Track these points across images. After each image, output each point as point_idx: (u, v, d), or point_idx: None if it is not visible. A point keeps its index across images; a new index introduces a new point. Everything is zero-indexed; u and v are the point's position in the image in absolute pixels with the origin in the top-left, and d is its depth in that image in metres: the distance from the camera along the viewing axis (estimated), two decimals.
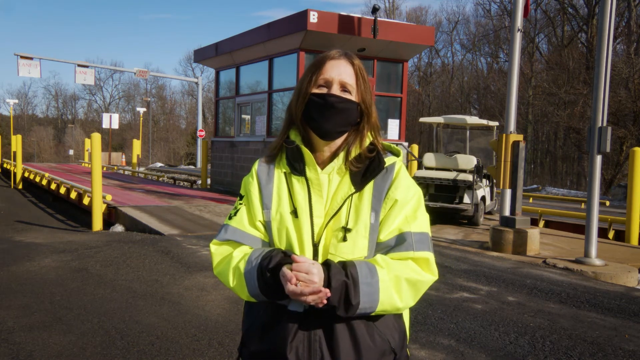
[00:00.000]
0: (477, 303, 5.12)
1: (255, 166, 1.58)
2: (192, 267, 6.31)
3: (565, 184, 30.33)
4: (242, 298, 1.52)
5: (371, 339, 1.44)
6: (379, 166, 1.49)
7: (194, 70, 59.38)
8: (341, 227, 1.45)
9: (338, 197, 1.47)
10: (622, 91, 21.93)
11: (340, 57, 1.52)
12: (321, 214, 1.47)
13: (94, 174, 10.04)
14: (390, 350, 1.46)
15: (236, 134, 15.69)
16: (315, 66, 1.52)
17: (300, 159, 1.51)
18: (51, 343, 3.93)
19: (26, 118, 67.92)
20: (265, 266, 1.40)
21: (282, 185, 1.52)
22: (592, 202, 7.13)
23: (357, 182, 1.48)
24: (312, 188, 1.49)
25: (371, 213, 1.46)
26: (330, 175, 1.50)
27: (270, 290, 1.41)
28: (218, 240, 1.56)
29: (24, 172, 19.65)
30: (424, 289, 1.45)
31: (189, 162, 48.55)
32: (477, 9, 53.70)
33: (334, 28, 12.04)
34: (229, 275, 1.49)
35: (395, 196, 1.47)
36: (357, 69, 1.52)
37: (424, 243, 1.46)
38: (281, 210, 1.49)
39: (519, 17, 8.50)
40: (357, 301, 1.36)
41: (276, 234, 1.49)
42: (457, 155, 11.37)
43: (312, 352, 1.41)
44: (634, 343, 4.21)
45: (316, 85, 1.50)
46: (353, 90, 1.50)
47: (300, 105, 1.51)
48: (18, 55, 23.69)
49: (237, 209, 1.57)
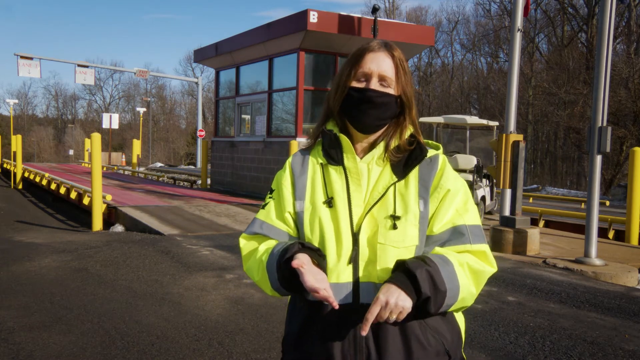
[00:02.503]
0: (477, 303, 5.12)
1: (290, 159, 1.55)
2: (192, 267, 6.31)
3: (565, 184, 30.34)
4: (267, 293, 1.47)
5: (424, 337, 1.37)
6: (420, 154, 1.45)
7: (194, 70, 59.42)
8: (389, 215, 1.40)
9: (379, 187, 1.43)
10: (622, 91, 21.92)
11: (379, 49, 1.47)
12: (360, 204, 1.42)
13: (94, 174, 10.04)
14: (444, 351, 1.40)
15: (236, 134, 15.69)
16: (354, 58, 1.48)
17: (338, 147, 1.47)
18: (51, 343, 3.93)
19: (26, 118, 67.91)
20: (282, 257, 1.36)
21: (317, 176, 1.49)
22: (592, 202, 7.13)
23: (399, 172, 1.44)
24: (350, 177, 1.44)
25: (419, 201, 1.41)
26: (370, 165, 1.45)
27: (289, 282, 1.36)
28: (246, 234, 1.54)
29: (24, 172, 19.66)
30: (485, 279, 1.41)
31: (189, 162, 48.54)
32: (477, 9, 53.73)
33: (334, 28, 12.05)
34: (254, 269, 1.46)
35: (448, 186, 1.43)
36: (398, 60, 1.47)
37: (479, 235, 1.43)
38: (314, 200, 1.45)
39: (519, 17, 8.50)
40: (444, 287, 1.30)
41: (308, 225, 1.44)
42: (457, 155, 11.36)
43: (357, 349, 1.36)
44: (634, 343, 4.21)
45: (355, 78, 1.46)
46: (392, 82, 1.45)
47: (338, 98, 1.48)
48: (18, 55, 23.71)
49: (266, 202, 1.54)
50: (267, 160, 13.96)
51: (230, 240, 7.94)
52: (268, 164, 13.93)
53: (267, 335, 4.17)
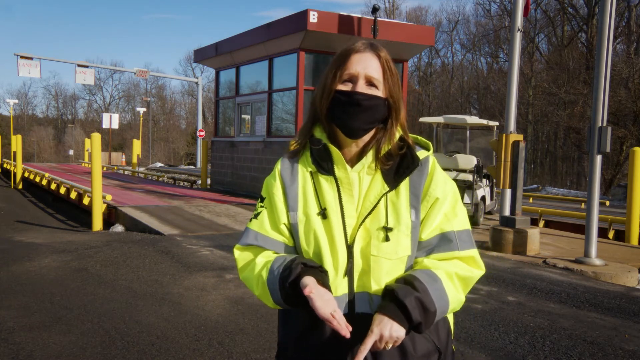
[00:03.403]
0: (477, 303, 5.12)
1: (278, 166, 1.51)
2: (192, 267, 6.31)
3: (565, 184, 30.34)
4: (269, 306, 1.45)
5: (418, 339, 1.40)
6: (412, 163, 1.42)
7: (194, 70, 59.42)
8: (382, 226, 1.38)
9: (371, 197, 1.40)
10: (622, 91, 21.92)
11: (365, 50, 1.43)
12: (353, 215, 1.40)
13: (94, 174, 10.04)
14: (435, 349, 1.43)
15: (236, 134, 15.69)
16: (339, 60, 1.43)
17: (328, 158, 1.43)
18: (51, 343, 3.93)
19: (26, 118, 67.92)
20: (286, 278, 1.33)
21: (308, 184, 1.45)
22: (592, 202, 7.13)
23: (390, 180, 1.41)
24: (341, 187, 1.41)
25: (411, 211, 1.40)
26: (360, 174, 1.42)
27: (293, 301, 1.36)
28: (240, 245, 1.50)
29: (24, 172, 19.66)
30: (473, 283, 1.43)
31: (189, 162, 48.55)
32: (477, 9, 53.73)
33: (334, 28, 12.05)
34: (253, 284, 1.44)
35: (436, 194, 1.42)
36: (384, 61, 1.43)
37: (467, 241, 1.42)
38: (308, 212, 1.42)
39: (519, 17, 8.50)
40: (434, 308, 1.32)
41: (303, 237, 1.42)
42: (457, 155, 11.36)
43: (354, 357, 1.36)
44: (634, 343, 4.21)
45: (341, 80, 1.41)
46: (380, 84, 1.41)
47: (325, 102, 1.43)
48: (18, 55, 23.72)
49: (258, 211, 1.50)
50: (267, 160, 13.96)
51: (230, 240, 7.94)
52: (268, 164, 13.93)
53: (267, 335, 4.17)
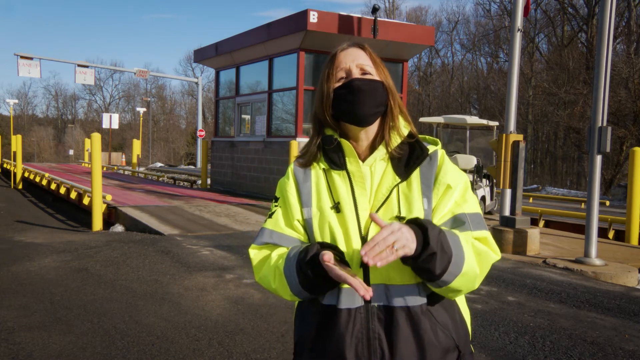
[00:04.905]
0: (477, 303, 5.12)
1: (291, 166, 1.55)
2: (192, 267, 6.31)
3: (565, 184, 30.34)
4: (286, 299, 1.47)
5: (434, 335, 1.39)
6: (422, 154, 1.46)
7: (194, 70, 59.41)
8: (394, 216, 1.40)
9: (383, 189, 1.44)
10: (622, 91, 21.92)
11: (349, 46, 1.51)
12: (366, 207, 1.43)
13: (94, 174, 10.04)
14: (454, 346, 1.42)
15: (236, 134, 15.70)
16: (329, 62, 1.51)
17: (340, 151, 1.48)
18: (51, 343, 3.93)
19: (26, 118, 67.92)
20: (302, 259, 1.36)
21: (321, 181, 1.49)
22: (592, 202, 7.13)
23: (401, 172, 1.45)
24: (354, 181, 1.45)
25: (423, 200, 1.42)
26: (372, 168, 1.47)
27: (311, 284, 1.36)
28: (256, 245, 1.52)
29: (24, 172, 19.65)
30: (489, 263, 1.40)
31: (189, 162, 48.56)
32: (477, 9, 53.72)
33: (334, 28, 12.05)
34: (270, 277, 1.45)
35: (447, 181, 1.43)
36: (369, 53, 1.51)
37: (480, 223, 1.43)
38: (321, 206, 1.46)
39: (519, 17, 8.50)
40: (450, 251, 1.29)
41: (318, 231, 1.44)
42: (457, 155, 11.37)
43: (371, 350, 1.37)
44: (634, 343, 4.21)
45: (336, 79, 1.48)
46: (372, 70, 1.48)
47: (327, 103, 1.48)
48: (18, 55, 23.71)
49: (272, 211, 1.54)
50: (267, 160, 13.96)
51: (230, 240, 7.94)
52: (268, 164, 13.93)
53: (267, 335, 4.17)
